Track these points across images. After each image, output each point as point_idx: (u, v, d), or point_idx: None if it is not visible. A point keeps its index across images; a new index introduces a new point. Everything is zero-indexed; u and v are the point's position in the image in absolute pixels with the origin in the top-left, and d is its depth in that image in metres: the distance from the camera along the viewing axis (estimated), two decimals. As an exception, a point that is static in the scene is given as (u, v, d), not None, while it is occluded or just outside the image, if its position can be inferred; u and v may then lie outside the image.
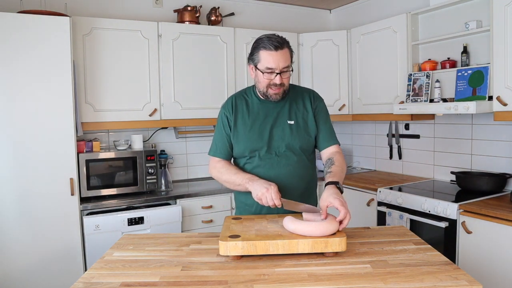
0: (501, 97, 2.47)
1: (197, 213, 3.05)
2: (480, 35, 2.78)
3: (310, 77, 3.71)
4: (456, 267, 1.33)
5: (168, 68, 3.16)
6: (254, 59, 1.76)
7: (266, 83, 1.75)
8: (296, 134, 1.83)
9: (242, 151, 1.85)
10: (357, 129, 4.06)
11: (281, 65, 1.71)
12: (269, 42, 1.71)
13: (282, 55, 1.71)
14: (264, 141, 1.82)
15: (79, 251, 2.69)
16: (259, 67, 1.74)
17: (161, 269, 1.38)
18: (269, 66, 1.71)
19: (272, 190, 1.64)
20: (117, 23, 2.99)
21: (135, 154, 3.01)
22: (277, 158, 1.82)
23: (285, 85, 1.77)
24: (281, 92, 1.78)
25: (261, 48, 1.72)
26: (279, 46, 1.70)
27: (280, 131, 1.83)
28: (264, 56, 1.71)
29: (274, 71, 1.72)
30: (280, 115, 1.84)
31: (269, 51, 1.70)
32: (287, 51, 1.74)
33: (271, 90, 1.76)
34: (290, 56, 1.76)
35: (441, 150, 3.24)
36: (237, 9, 3.77)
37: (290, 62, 1.76)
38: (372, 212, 3.05)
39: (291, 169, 1.83)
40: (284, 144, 1.82)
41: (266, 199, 1.64)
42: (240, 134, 1.84)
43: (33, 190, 2.56)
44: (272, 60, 1.70)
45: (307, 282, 1.25)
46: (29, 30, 2.52)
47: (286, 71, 1.74)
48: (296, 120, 1.85)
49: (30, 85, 2.54)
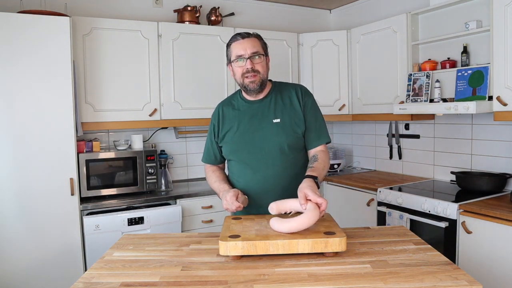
0: (501, 97, 2.47)
1: (197, 213, 3.05)
2: (480, 35, 2.78)
3: (310, 77, 3.71)
4: (456, 267, 1.33)
5: (168, 68, 3.16)
6: (228, 55, 1.83)
7: (240, 73, 1.79)
8: (282, 132, 1.81)
9: (229, 152, 1.90)
10: (357, 129, 4.06)
11: (249, 51, 1.75)
12: (237, 34, 1.79)
13: (249, 42, 1.77)
14: (247, 142, 1.82)
15: (79, 251, 2.69)
16: (232, 59, 1.80)
17: (161, 269, 1.39)
18: (238, 53, 1.77)
19: (228, 197, 1.71)
20: (117, 23, 2.99)
21: (135, 154, 3.01)
22: (263, 159, 1.82)
23: (260, 72, 1.78)
24: (257, 80, 1.78)
25: (230, 42, 1.81)
26: (246, 35, 1.77)
27: (265, 131, 1.81)
28: (233, 47, 1.79)
29: (243, 57, 1.76)
30: (264, 114, 1.84)
31: (236, 41, 1.78)
32: (256, 40, 1.80)
33: (246, 79, 1.78)
34: (260, 45, 1.80)
35: (441, 150, 3.24)
36: (237, 9, 3.78)
37: (263, 50, 1.80)
38: (372, 212, 3.05)
39: (279, 169, 1.82)
40: (270, 143, 1.81)
41: (229, 206, 1.71)
42: (227, 136, 1.89)
43: (33, 190, 2.56)
44: (240, 47, 1.76)
45: (307, 282, 1.25)
46: (29, 30, 2.52)
47: (257, 57, 1.77)
48: (282, 118, 1.83)
49: (30, 85, 2.54)
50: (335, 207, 3.46)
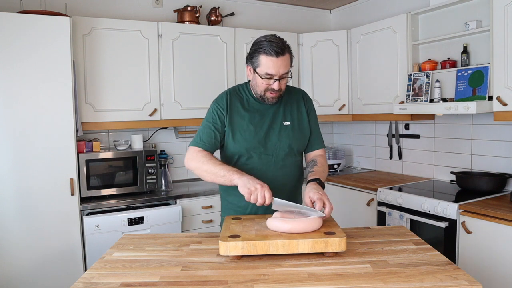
0: (501, 97, 2.47)
1: (197, 213, 3.05)
2: (480, 35, 2.78)
3: (310, 77, 3.71)
4: (456, 267, 1.33)
5: (168, 68, 3.16)
6: (254, 62, 1.70)
7: (264, 88, 1.72)
8: (293, 135, 1.83)
9: (238, 150, 1.79)
10: (357, 129, 4.06)
11: (281, 72, 1.67)
12: (270, 47, 1.63)
13: (282, 62, 1.66)
14: (261, 141, 1.80)
15: (79, 251, 2.69)
16: (258, 71, 1.69)
17: (161, 269, 1.38)
18: (269, 72, 1.66)
19: (266, 188, 1.55)
20: (117, 23, 2.99)
21: (135, 154, 3.01)
22: (275, 160, 1.81)
23: (282, 90, 1.75)
24: (277, 96, 1.77)
25: (261, 52, 1.66)
26: (280, 52, 1.64)
27: (277, 132, 1.81)
28: (264, 61, 1.66)
29: (273, 77, 1.68)
30: (276, 116, 1.83)
31: (270, 57, 1.64)
32: (288, 57, 1.69)
33: (268, 94, 1.74)
34: (290, 61, 1.71)
35: (441, 150, 3.24)
36: (237, 9, 3.78)
37: (290, 67, 1.72)
38: (372, 212, 3.05)
39: (287, 171, 1.84)
40: (282, 145, 1.81)
41: (257, 196, 1.53)
42: (237, 133, 1.79)
43: (33, 190, 2.56)
44: (272, 66, 1.65)
45: (307, 282, 1.25)
46: (29, 30, 2.52)
47: (285, 77, 1.71)
48: (291, 121, 1.84)
49: (30, 85, 2.54)
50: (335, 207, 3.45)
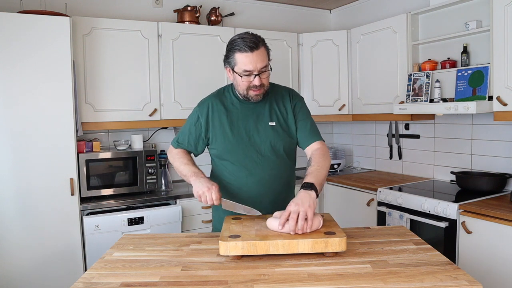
0: (501, 97, 2.47)
1: (197, 213, 3.05)
2: (480, 35, 2.78)
3: (310, 77, 3.71)
4: (456, 267, 1.33)
5: (168, 68, 3.16)
6: (230, 62, 1.70)
7: (246, 86, 1.71)
8: (278, 135, 1.79)
9: (221, 153, 1.82)
10: (357, 129, 4.06)
11: (258, 66, 1.65)
12: (243, 44, 1.63)
13: (258, 56, 1.64)
14: (244, 143, 1.77)
15: (79, 251, 2.69)
16: (236, 70, 1.68)
17: (161, 269, 1.38)
18: (246, 68, 1.65)
19: (213, 190, 1.62)
20: (117, 23, 2.99)
21: (135, 154, 3.01)
22: (260, 162, 1.78)
23: (265, 85, 1.73)
24: (261, 93, 1.74)
25: (235, 50, 1.66)
26: (254, 46, 1.63)
27: (262, 133, 1.78)
28: (240, 58, 1.65)
29: (252, 73, 1.66)
30: (260, 116, 1.80)
31: (244, 53, 1.63)
32: (263, 50, 1.67)
33: (251, 91, 1.72)
34: (267, 55, 1.69)
35: (441, 150, 3.24)
36: (237, 9, 3.78)
37: (268, 60, 1.70)
38: (372, 212, 3.05)
39: (275, 172, 1.81)
40: (267, 146, 1.78)
41: (206, 198, 1.62)
42: (219, 136, 1.80)
43: (33, 190, 2.56)
44: (248, 61, 1.64)
45: (307, 282, 1.25)
46: (29, 30, 2.52)
47: (265, 71, 1.69)
48: (277, 121, 1.80)
49: (30, 85, 2.54)
50: (335, 207, 3.46)
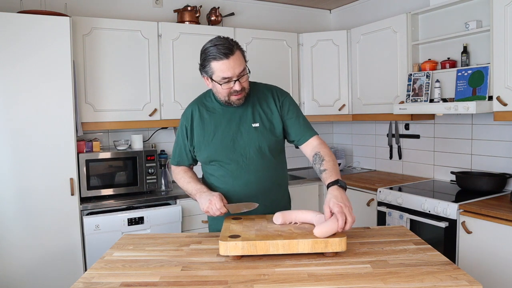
0: (501, 97, 2.47)
1: (197, 213, 3.05)
2: (480, 35, 2.78)
3: (310, 77, 3.71)
4: (456, 267, 1.33)
5: (168, 68, 3.16)
6: (208, 71, 1.65)
7: (226, 92, 1.68)
8: (262, 136, 1.76)
9: (205, 159, 1.82)
10: (357, 129, 4.06)
11: (236, 71, 1.62)
12: (218, 51, 1.59)
13: (235, 61, 1.61)
14: (228, 147, 1.76)
15: (79, 251, 2.69)
16: (215, 78, 1.65)
17: (161, 269, 1.39)
18: (224, 75, 1.62)
19: (215, 201, 1.64)
20: (117, 23, 2.99)
21: (135, 154, 3.01)
22: (245, 164, 1.77)
23: (246, 88, 1.71)
24: (242, 96, 1.71)
25: (210, 59, 1.61)
26: (229, 52, 1.59)
27: (246, 136, 1.76)
28: (216, 66, 1.61)
29: (231, 79, 1.63)
30: (243, 118, 1.77)
31: (220, 61, 1.60)
32: (239, 54, 1.63)
33: (233, 97, 1.69)
34: (243, 57, 1.66)
35: (441, 150, 3.24)
36: (237, 9, 3.78)
37: (245, 62, 1.67)
38: (372, 212, 3.05)
39: (261, 174, 1.79)
40: (251, 148, 1.76)
41: (213, 211, 1.65)
42: (202, 142, 1.79)
43: (33, 190, 2.56)
44: (226, 68, 1.60)
45: (307, 282, 1.25)
46: (29, 30, 2.52)
47: (244, 75, 1.66)
48: (261, 121, 1.77)
49: (30, 85, 2.54)
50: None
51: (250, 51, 3.45)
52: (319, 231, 1.42)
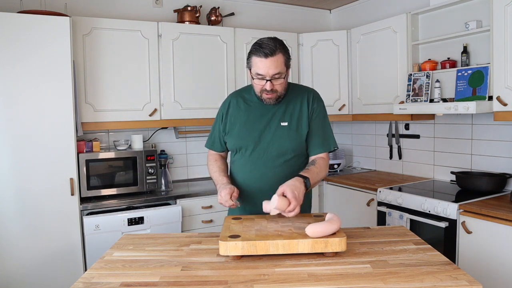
0: (501, 97, 2.47)
1: (197, 213, 3.05)
2: (480, 35, 2.78)
3: (310, 77, 3.71)
4: (456, 267, 1.33)
5: (168, 68, 3.16)
6: (248, 63, 1.76)
7: (259, 88, 1.76)
8: (288, 136, 1.83)
9: (234, 146, 1.91)
10: (357, 129, 4.06)
11: (270, 72, 1.69)
12: (260, 48, 1.68)
13: (272, 62, 1.68)
14: (253, 140, 1.84)
15: (79, 251, 2.69)
16: (252, 71, 1.75)
17: (161, 269, 1.39)
18: (259, 72, 1.70)
19: (223, 194, 1.72)
20: (117, 23, 2.99)
21: (135, 154, 3.01)
22: (264, 159, 1.84)
23: (278, 91, 1.76)
24: (274, 97, 1.78)
25: (253, 53, 1.71)
26: (269, 53, 1.67)
27: (272, 133, 1.83)
28: (255, 62, 1.70)
29: (264, 78, 1.71)
30: (274, 116, 1.84)
31: (259, 58, 1.68)
32: (280, 57, 1.70)
33: (264, 94, 1.77)
34: (283, 62, 1.72)
35: (441, 150, 3.24)
36: (237, 9, 3.78)
37: (285, 67, 1.73)
38: (372, 212, 3.05)
39: (278, 171, 1.83)
40: (275, 145, 1.82)
41: (225, 202, 1.72)
42: (233, 130, 1.89)
43: (33, 190, 2.56)
44: (262, 66, 1.68)
45: (307, 282, 1.25)
46: (29, 30, 2.52)
47: (278, 78, 1.72)
48: (290, 121, 1.84)
49: (30, 85, 2.54)
50: (335, 207, 3.46)
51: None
52: (311, 230, 1.44)
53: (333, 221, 1.48)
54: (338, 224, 1.48)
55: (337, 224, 1.47)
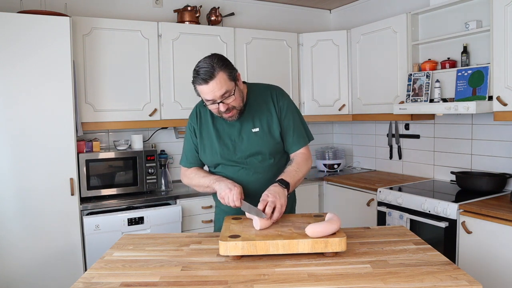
0: (501, 97, 2.47)
1: (197, 213, 3.05)
2: (480, 35, 2.78)
3: (310, 77, 3.71)
4: (456, 267, 1.33)
5: (168, 68, 3.16)
6: (196, 91, 1.71)
7: (216, 112, 1.73)
8: (262, 141, 1.81)
9: (210, 161, 1.88)
10: (357, 129, 4.06)
11: (217, 95, 1.64)
12: (198, 77, 1.63)
13: (215, 85, 1.62)
14: (229, 154, 1.81)
15: (79, 251, 2.69)
16: (203, 99, 1.71)
17: (161, 269, 1.39)
18: (207, 98, 1.67)
19: (234, 191, 1.67)
20: (117, 23, 2.99)
21: (135, 154, 3.01)
22: (246, 168, 1.82)
23: (236, 107, 1.72)
24: (235, 113, 1.73)
25: (194, 82, 1.67)
26: (207, 78, 1.61)
27: (246, 141, 1.80)
28: (199, 89, 1.66)
29: (215, 101, 1.66)
30: (244, 124, 1.81)
31: (200, 86, 1.64)
32: (222, 76, 1.63)
33: (224, 115, 1.73)
34: (227, 79, 1.65)
35: (441, 150, 3.24)
36: (237, 9, 3.78)
37: (231, 82, 1.66)
38: (372, 212, 3.05)
39: (261, 176, 1.83)
40: (251, 152, 1.81)
41: (228, 199, 1.68)
42: (206, 145, 1.86)
43: (33, 190, 2.56)
44: (206, 92, 1.64)
45: (307, 282, 1.25)
46: (29, 30, 2.52)
47: (228, 96, 1.66)
48: (260, 126, 1.81)
49: (30, 85, 2.54)
50: (335, 207, 3.46)
51: (250, 51, 3.45)
52: (311, 230, 1.44)
53: (333, 221, 1.48)
54: (338, 224, 1.48)
55: (337, 224, 1.47)
